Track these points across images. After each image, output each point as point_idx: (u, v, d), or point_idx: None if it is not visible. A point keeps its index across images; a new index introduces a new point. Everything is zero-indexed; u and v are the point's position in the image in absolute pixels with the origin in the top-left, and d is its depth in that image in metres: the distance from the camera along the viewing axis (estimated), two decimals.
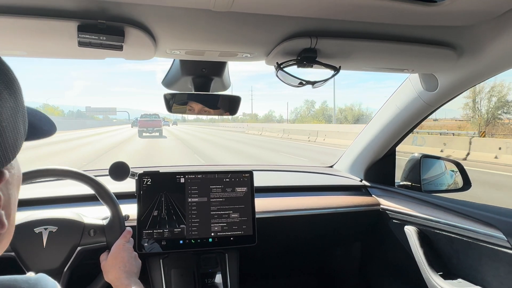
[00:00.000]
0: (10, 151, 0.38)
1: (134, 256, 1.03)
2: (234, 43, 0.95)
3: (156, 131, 27.45)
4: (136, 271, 1.01)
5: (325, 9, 0.80)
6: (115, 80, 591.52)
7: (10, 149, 0.38)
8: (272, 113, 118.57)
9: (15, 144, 0.39)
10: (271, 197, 1.52)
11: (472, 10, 0.83)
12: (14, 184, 0.43)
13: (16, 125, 0.38)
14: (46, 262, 1.03)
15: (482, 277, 1.15)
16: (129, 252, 1.03)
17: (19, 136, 0.39)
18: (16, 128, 0.38)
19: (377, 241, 1.66)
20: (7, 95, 0.37)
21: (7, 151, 0.37)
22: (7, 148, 0.37)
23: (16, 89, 0.39)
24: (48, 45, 0.91)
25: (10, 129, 0.37)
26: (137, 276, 1.00)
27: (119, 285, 0.96)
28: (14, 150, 0.39)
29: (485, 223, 1.12)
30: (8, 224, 0.41)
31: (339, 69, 1.01)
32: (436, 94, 1.27)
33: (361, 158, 1.72)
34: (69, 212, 1.11)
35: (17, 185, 0.44)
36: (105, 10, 0.77)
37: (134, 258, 1.03)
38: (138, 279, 0.99)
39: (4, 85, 0.38)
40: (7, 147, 0.37)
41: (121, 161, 1.15)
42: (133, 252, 1.04)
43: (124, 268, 0.98)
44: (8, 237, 0.43)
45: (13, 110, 0.38)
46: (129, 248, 1.04)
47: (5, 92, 0.37)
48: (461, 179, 1.56)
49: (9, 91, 0.38)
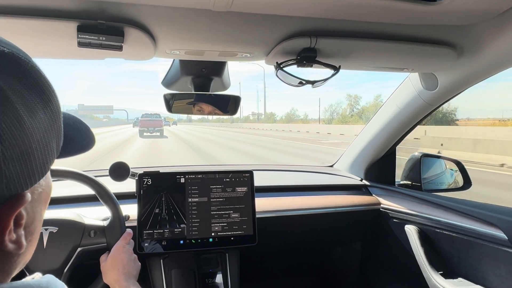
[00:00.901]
0: (37, 173, 0.34)
1: (133, 259, 1.03)
2: (234, 43, 0.95)
3: (157, 131, 27.17)
4: (135, 274, 1.01)
5: (324, 9, 0.80)
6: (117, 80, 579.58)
7: (38, 171, 0.34)
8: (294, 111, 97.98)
9: (44, 165, 0.35)
10: (272, 196, 1.52)
11: (472, 9, 0.83)
12: (41, 201, 0.39)
13: (49, 144, 0.34)
14: (46, 262, 1.03)
15: (483, 276, 1.15)
16: (128, 254, 1.02)
17: (50, 156, 0.35)
18: (48, 147, 0.34)
19: (377, 241, 1.66)
20: (41, 110, 0.33)
21: (34, 173, 0.33)
22: (34, 171, 0.33)
23: (51, 99, 0.35)
24: (47, 46, 0.91)
25: (40, 150, 0.33)
26: (136, 279, 1.00)
27: (117, 287, 0.95)
28: (43, 171, 0.35)
29: (485, 222, 1.12)
30: (32, 242, 0.38)
31: (339, 68, 1.01)
32: (436, 93, 1.27)
33: (361, 157, 1.72)
34: (70, 213, 1.11)
35: (45, 201, 0.40)
36: (104, 10, 0.77)
37: (133, 261, 1.03)
38: (137, 282, 0.99)
39: (38, 97, 0.33)
40: (35, 170, 0.33)
41: (121, 162, 1.15)
42: (132, 255, 1.04)
43: (123, 270, 0.98)
44: (25, 256, 0.39)
45: (46, 128, 0.34)
46: (129, 250, 1.04)
47: (39, 106, 0.33)
48: (461, 178, 1.56)
49: (44, 104, 0.33)
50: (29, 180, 0.33)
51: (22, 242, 0.35)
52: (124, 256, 1.01)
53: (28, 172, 0.33)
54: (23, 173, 0.32)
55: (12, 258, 0.36)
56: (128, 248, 1.04)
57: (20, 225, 0.34)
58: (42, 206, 0.39)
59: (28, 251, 0.39)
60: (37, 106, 0.33)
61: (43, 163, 0.34)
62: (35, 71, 0.34)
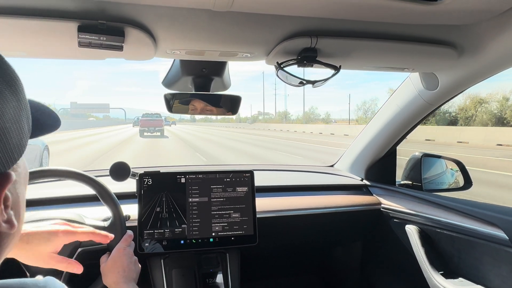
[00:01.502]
0: (16, 151, 0.37)
1: (134, 261, 1.02)
2: (234, 43, 0.95)
3: (158, 131, 26.87)
4: (135, 277, 1.00)
5: (325, 9, 0.80)
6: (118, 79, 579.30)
7: (15, 150, 0.37)
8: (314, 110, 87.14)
9: (20, 143, 0.38)
10: (272, 196, 1.52)
11: (473, 9, 0.83)
12: (22, 183, 0.42)
13: (20, 124, 0.38)
14: None
15: (484, 276, 1.15)
16: (129, 257, 1.01)
17: (24, 135, 0.39)
18: (20, 127, 0.38)
19: (378, 240, 1.66)
20: (9, 94, 0.36)
21: (12, 152, 0.36)
22: (12, 149, 0.36)
23: (18, 86, 0.38)
24: (48, 46, 0.91)
25: (14, 129, 0.36)
26: (136, 282, 0.99)
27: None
28: (19, 149, 0.38)
29: (486, 222, 1.12)
30: (19, 223, 0.41)
31: (339, 68, 1.01)
32: (436, 93, 1.27)
33: (361, 157, 1.72)
34: (70, 213, 1.11)
35: (24, 183, 0.43)
36: (105, 10, 0.77)
37: (134, 263, 1.02)
38: (136, 285, 0.98)
39: (6, 83, 0.36)
40: (12, 148, 0.36)
41: (122, 161, 1.15)
42: (133, 257, 1.03)
43: (123, 273, 0.97)
44: (17, 236, 0.43)
45: (16, 109, 0.37)
46: (130, 252, 1.03)
47: (7, 92, 0.36)
48: (462, 178, 1.56)
49: (11, 90, 0.37)
50: (9, 159, 0.36)
51: (13, 221, 0.38)
52: (124, 259, 1.00)
53: (7, 151, 0.36)
54: (2, 152, 0.35)
55: (5, 239, 0.39)
56: (129, 251, 1.04)
57: (8, 206, 0.38)
58: (23, 187, 0.43)
59: (17, 234, 0.42)
60: (4, 88, 0.36)
61: (19, 142, 0.37)
62: (0, 60, 0.38)
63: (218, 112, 1.15)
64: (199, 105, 1.14)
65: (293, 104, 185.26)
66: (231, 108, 1.15)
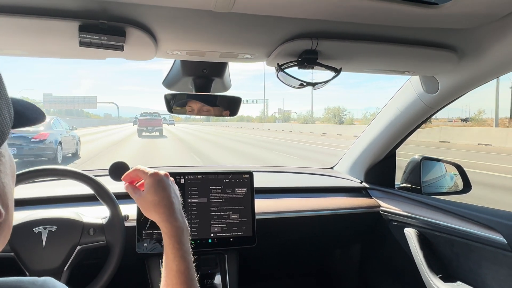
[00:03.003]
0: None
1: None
2: (235, 44, 0.95)
3: (157, 131, 26.13)
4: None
5: (326, 11, 0.81)
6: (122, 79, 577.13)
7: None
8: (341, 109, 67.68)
9: (1, 131, 0.38)
10: (271, 198, 1.52)
11: (474, 13, 0.83)
12: (7, 173, 0.42)
13: (1, 112, 0.38)
14: (45, 261, 1.03)
15: (482, 280, 1.15)
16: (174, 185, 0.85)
17: (5, 123, 0.39)
18: (1, 115, 0.38)
19: (376, 243, 1.66)
20: None
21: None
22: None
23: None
24: (49, 45, 0.91)
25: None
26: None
27: (173, 220, 0.78)
28: (1, 137, 0.38)
29: (485, 226, 1.12)
30: (7, 214, 0.41)
31: (339, 70, 1.01)
32: (436, 96, 1.27)
33: (361, 160, 1.72)
34: (69, 212, 1.11)
35: (11, 174, 0.43)
36: (106, 10, 0.77)
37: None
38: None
39: None
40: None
41: (121, 161, 1.15)
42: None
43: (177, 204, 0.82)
44: (8, 230, 0.42)
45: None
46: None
47: None
48: (461, 182, 1.56)
49: None
50: None
51: (1, 210, 0.38)
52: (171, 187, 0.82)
53: None
54: None
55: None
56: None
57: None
58: (10, 179, 0.42)
59: (7, 226, 0.42)
60: None
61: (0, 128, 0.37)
62: None
63: (218, 113, 1.15)
64: (199, 106, 1.14)
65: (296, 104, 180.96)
66: (231, 109, 1.15)
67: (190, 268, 0.73)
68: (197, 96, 1.15)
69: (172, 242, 0.74)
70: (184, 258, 0.73)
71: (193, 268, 0.74)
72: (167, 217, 0.78)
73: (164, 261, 0.74)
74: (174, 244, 0.74)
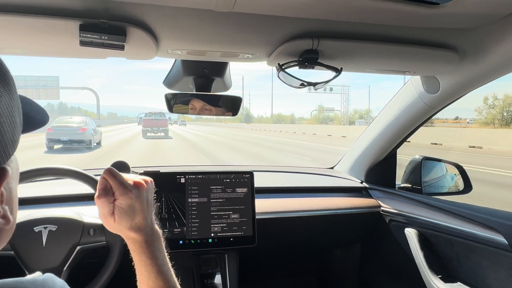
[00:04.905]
0: (10, 146, 0.37)
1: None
2: (236, 44, 0.95)
3: (162, 131, 25.05)
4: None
5: (327, 11, 0.80)
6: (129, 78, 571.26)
7: (10, 145, 0.37)
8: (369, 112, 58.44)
9: (14, 138, 0.38)
10: (272, 198, 1.52)
11: (475, 13, 0.83)
12: (14, 178, 0.42)
13: (13, 119, 0.38)
14: (45, 261, 1.03)
15: (482, 280, 1.15)
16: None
17: (17, 130, 0.39)
18: (13, 122, 0.38)
19: (377, 243, 1.66)
20: (2, 90, 0.36)
21: (7, 147, 0.36)
22: (7, 144, 0.36)
23: (9, 81, 0.38)
24: (49, 44, 0.91)
25: (8, 124, 0.36)
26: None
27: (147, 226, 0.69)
28: (13, 144, 0.38)
29: (485, 226, 1.12)
30: (13, 218, 0.41)
31: (340, 70, 1.01)
32: (437, 96, 1.27)
33: (362, 159, 1.72)
34: (69, 211, 1.11)
35: (16, 178, 0.44)
36: (107, 9, 0.77)
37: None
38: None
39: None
40: (7, 143, 0.36)
41: (122, 161, 1.15)
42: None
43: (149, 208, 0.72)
44: (11, 231, 0.43)
45: (9, 104, 0.37)
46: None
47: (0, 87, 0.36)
48: (462, 182, 1.56)
49: (3, 85, 0.37)
50: (4, 154, 0.36)
51: (9, 216, 0.38)
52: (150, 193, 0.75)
53: (2, 146, 0.35)
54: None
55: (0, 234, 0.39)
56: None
57: (2, 201, 0.38)
58: (15, 182, 0.43)
59: (11, 229, 0.42)
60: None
61: (13, 136, 0.37)
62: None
63: (218, 113, 1.15)
64: (199, 105, 1.14)
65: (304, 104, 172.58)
66: (231, 109, 1.15)
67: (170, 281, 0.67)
68: (198, 95, 1.15)
69: (144, 259, 0.66)
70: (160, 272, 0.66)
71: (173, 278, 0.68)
72: (138, 230, 0.67)
73: (139, 279, 0.67)
74: (146, 260, 0.66)
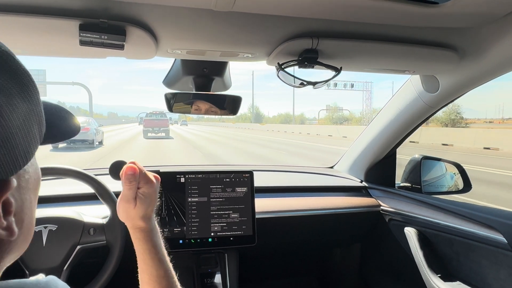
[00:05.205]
0: (21, 158, 0.35)
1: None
2: (236, 43, 0.95)
3: (163, 131, 25.03)
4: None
5: (326, 10, 0.80)
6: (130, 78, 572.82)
7: (21, 156, 0.35)
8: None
9: (27, 150, 0.36)
10: (271, 197, 1.52)
11: (475, 12, 0.83)
12: (30, 189, 0.40)
13: (30, 130, 0.36)
14: (45, 260, 1.03)
15: (482, 280, 1.15)
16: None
17: (33, 141, 0.36)
18: (29, 133, 0.36)
19: (377, 242, 1.66)
20: (19, 98, 0.34)
21: (17, 159, 0.34)
22: (17, 156, 0.34)
23: (31, 89, 0.36)
24: (49, 44, 0.91)
25: (21, 135, 0.34)
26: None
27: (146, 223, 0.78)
28: (26, 156, 0.36)
29: (485, 225, 1.12)
30: (23, 229, 0.39)
31: (340, 69, 1.01)
32: (437, 96, 1.27)
33: (361, 159, 1.72)
34: (69, 211, 1.11)
35: (33, 188, 0.41)
36: (107, 9, 0.77)
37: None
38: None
39: (17, 86, 0.34)
40: (18, 155, 0.34)
41: (122, 160, 1.15)
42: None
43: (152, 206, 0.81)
44: (25, 243, 0.41)
45: (26, 114, 0.35)
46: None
47: (17, 95, 0.34)
48: (462, 181, 1.56)
49: (22, 93, 0.35)
50: (13, 166, 0.34)
51: (13, 229, 0.36)
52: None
53: (11, 158, 0.33)
54: (6, 159, 0.33)
55: (4, 246, 0.37)
56: None
57: (10, 212, 0.36)
58: (32, 193, 0.41)
59: (21, 241, 0.40)
60: (14, 93, 0.34)
61: (26, 148, 0.35)
62: (11, 60, 0.35)
63: (218, 112, 1.15)
64: (199, 105, 1.14)
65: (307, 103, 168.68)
66: (231, 108, 1.15)
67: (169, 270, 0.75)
68: (198, 95, 1.15)
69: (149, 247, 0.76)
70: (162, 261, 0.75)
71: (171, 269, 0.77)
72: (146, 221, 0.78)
73: (141, 269, 0.75)
74: (151, 249, 0.75)
